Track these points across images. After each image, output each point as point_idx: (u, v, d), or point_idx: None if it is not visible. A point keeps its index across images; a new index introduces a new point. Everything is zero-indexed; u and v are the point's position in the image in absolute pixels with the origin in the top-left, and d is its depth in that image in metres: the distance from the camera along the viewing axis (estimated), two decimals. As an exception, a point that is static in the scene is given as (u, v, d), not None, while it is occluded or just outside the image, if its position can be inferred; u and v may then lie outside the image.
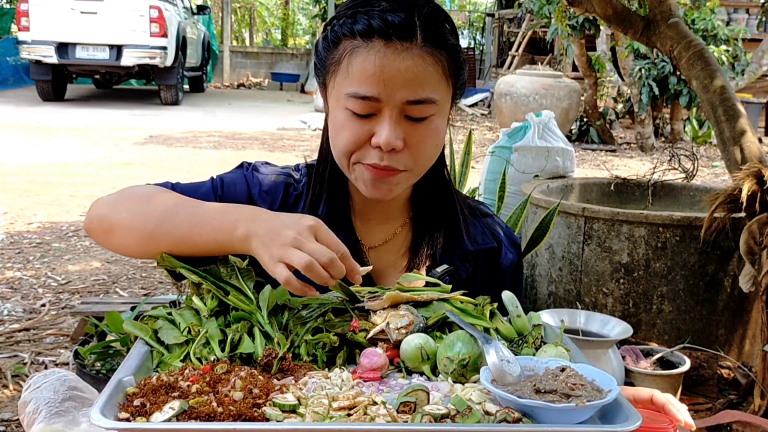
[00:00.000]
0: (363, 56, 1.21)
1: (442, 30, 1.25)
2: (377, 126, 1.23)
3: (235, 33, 24.91)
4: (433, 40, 1.22)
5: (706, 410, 2.76)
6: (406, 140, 1.24)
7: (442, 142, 1.32)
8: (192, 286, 1.21)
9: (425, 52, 1.21)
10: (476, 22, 25.21)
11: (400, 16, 1.20)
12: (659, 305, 3.22)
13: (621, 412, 0.93)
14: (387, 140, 1.21)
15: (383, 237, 1.42)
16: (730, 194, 2.86)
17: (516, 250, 1.49)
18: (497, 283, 1.45)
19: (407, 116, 1.23)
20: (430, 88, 1.23)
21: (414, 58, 1.20)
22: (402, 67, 1.20)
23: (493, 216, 1.50)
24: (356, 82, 1.21)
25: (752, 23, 13.30)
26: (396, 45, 1.20)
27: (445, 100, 1.27)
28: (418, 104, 1.22)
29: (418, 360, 1.08)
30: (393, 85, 1.20)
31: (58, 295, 4.08)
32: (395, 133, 1.22)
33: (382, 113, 1.22)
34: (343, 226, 1.38)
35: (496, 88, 11.22)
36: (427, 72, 1.22)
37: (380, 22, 1.20)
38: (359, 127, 1.24)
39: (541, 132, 4.10)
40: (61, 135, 9.58)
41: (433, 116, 1.25)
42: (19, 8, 12.36)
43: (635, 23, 3.92)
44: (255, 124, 11.92)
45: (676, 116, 11.02)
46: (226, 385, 0.96)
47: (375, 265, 1.40)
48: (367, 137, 1.24)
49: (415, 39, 1.21)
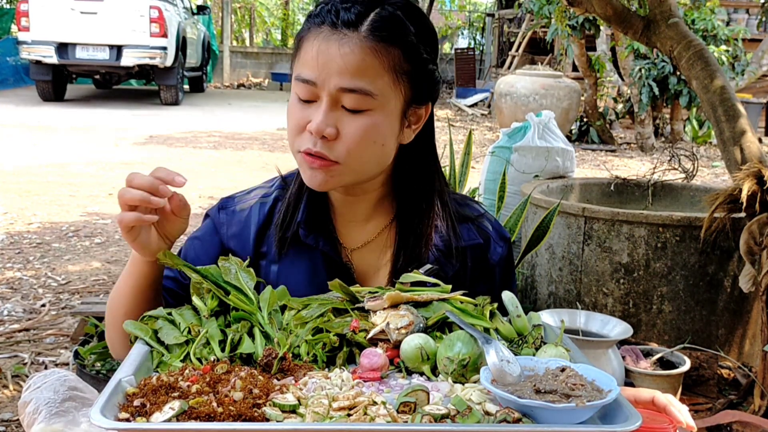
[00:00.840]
0: (309, 41, 1.23)
1: (402, 29, 1.24)
2: (314, 112, 1.23)
3: (235, 33, 24.91)
4: (382, 34, 1.21)
5: (706, 410, 2.76)
6: (340, 129, 1.23)
7: (385, 141, 1.27)
8: (192, 286, 1.21)
9: (367, 43, 1.20)
10: (476, 22, 25.20)
11: (356, 8, 1.21)
12: (659, 305, 3.22)
13: (621, 413, 0.93)
14: (317, 126, 1.21)
15: (366, 238, 1.41)
16: (730, 194, 2.86)
17: (505, 243, 1.47)
18: (488, 279, 1.44)
19: (344, 106, 1.23)
20: (367, 80, 1.21)
21: (352, 47, 1.20)
22: (339, 54, 1.20)
23: (480, 211, 1.48)
24: (301, 65, 1.24)
25: (752, 23, 13.30)
26: (341, 32, 1.20)
27: (388, 98, 1.24)
28: (352, 93, 1.21)
29: (418, 360, 1.08)
30: (328, 70, 1.20)
31: (58, 295, 4.08)
32: (326, 119, 1.21)
33: (320, 99, 1.23)
34: (323, 230, 1.37)
35: (496, 88, 11.22)
36: (364, 63, 1.20)
37: (333, 11, 1.22)
38: (301, 112, 1.25)
39: (541, 132, 4.10)
40: (61, 135, 9.58)
41: (371, 111, 1.23)
42: (19, 8, 12.36)
43: (635, 23, 3.92)
44: (255, 124, 11.92)
45: (676, 116, 11.02)
46: (226, 385, 0.96)
47: (359, 266, 1.40)
48: (306, 123, 1.24)
49: (360, 29, 1.21)
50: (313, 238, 1.36)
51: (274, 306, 1.20)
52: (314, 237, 1.36)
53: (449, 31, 26.44)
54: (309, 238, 1.36)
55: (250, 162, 8.55)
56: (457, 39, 26.49)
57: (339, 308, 1.20)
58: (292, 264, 1.37)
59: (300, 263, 1.37)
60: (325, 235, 1.37)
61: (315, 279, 1.35)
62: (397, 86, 1.25)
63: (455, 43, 25.76)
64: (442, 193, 1.41)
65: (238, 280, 1.21)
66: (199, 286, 1.21)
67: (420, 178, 1.38)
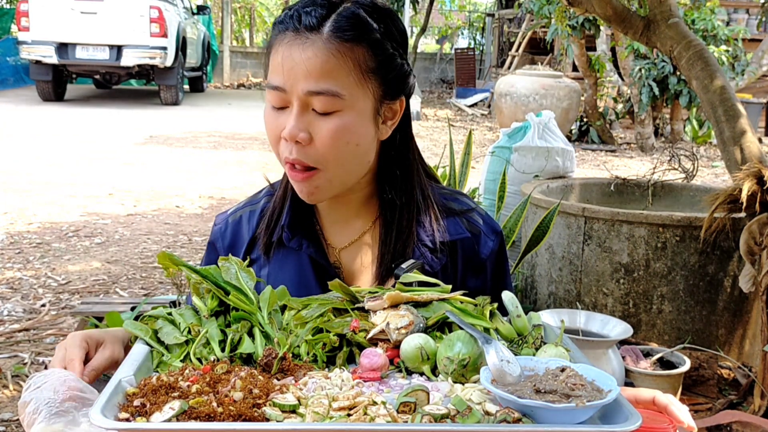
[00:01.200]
0: (276, 48, 1.24)
1: (365, 27, 1.23)
2: (287, 119, 1.23)
3: (235, 33, 24.92)
4: (345, 34, 1.21)
5: (706, 410, 2.76)
6: (312, 133, 1.23)
7: (358, 141, 1.27)
8: (192, 286, 1.21)
9: (331, 45, 1.20)
10: (476, 22, 25.20)
11: (317, 11, 1.22)
12: (659, 305, 3.22)
13: (621, 413, 0.92)
14: (289, 131, 1.21)
15: (352, 237, 1.41)
16: (730, 194, 2.86)
17: (497, 237, 1.45)
18: (479, 273, 1.43)
19: (314, 109, 1.23)
20: (332, 81, 1.21)
21: (316, 50, 1.20)
22: (303, 57, 1.20)
23: (470, 206, 1.47)
24: (270, 73, 1.25)
25: (752, 23, 13.30)
26: (303, 36, 1.21)
27: (356, 97, 1.24)
28: (319, 95, 1.21)
29: (418, 360, 1.08)
30: (294, 75, 1.21)
31: (58, 295, 4.08)
32: (297, 124, 1.21)
33: (291, 105, 1.23)
34: (308, 232, 1.38)
35: (496, 88, 11.22)
36: (329, 64, 1.20)
37: (294, 15, 1.22)
38: (275, 120, 1.25)
39: (541, 132, 4.11)
40: (61, 135, 9.58)
41: (340, 112, 1.23)
42: (19, 8, 12.37)
43: (635, 23, 3.92)
44: (255, 124, 11.92)
45: (676, 116, 11.02)
46: (226, 385, 0.96)
47: (347, 266, 1.40)
48: (281, 131, 1.25)
49: (321, 31, 1.21)
50: (296, 241, 1.36)
51: (274, 306, 1.20)
52: (298, 240, 1.36)
53: (449, 31, 26.44)
54: (293, 242, 1.36)
55: (250, 162, 8.55)
56: (457, 39, 26.49)
57: (339, 308, 1.20)
58: (280, 268, 1.38)
59: (287, 266, 1.37)
60: (309, 237, 1.37)
61: (302, 282, 1.35)
62: (364, 84, 1.25)
63: (455, 43, 25.76)
64: (423, 187, 1.40)
65: (238, 280, 1.21)
66: (199, 286, 1.21)
67: (400, 173, 1.37)
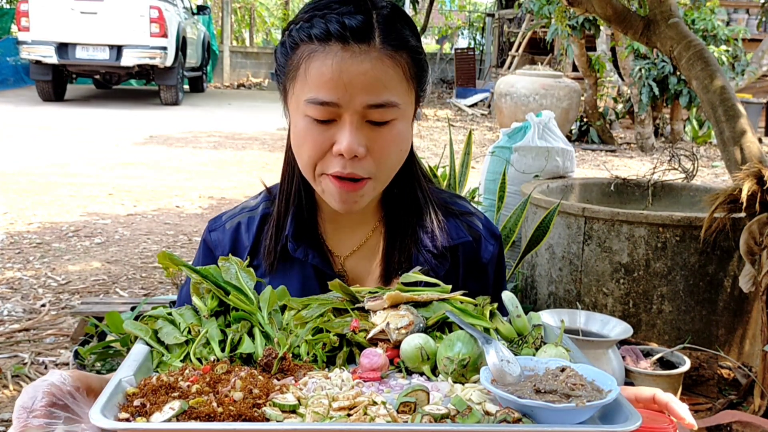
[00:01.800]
0: (320, 60, 1.17)
1: (402, 32, 1.22)
2: (338, 133, 1.19)
3: (235, 33, 24.91)
4: (393, 42, 1.19)
5: (706, 410, 2.76)
6: (368, 146, 1.20)
7: (407, 147, 1.28)
8: (192, 285, 1.21)
9: (384, 54, 1.18)
10: (476, 22, 25.20)
11: (358, 18, 1.17)
12: (659, 305, 3.22)
13: (621, 412, 0.92)
14: (348, 146, 1.17)
15: (356, 243, 1.40)
16: (730, 194, 2.86)
17: (496, 241, 1.46)
18: (480, 277, 1.43)
19: (369, 121, 1.20)
20: (391, 91, 1.19)
21: (373, 61, 1.17)
22: (361, 71, 1.16)
23: (470, 209, 1.47)
24: (315, 88, 1.18)
25: (752, 23, 13.30)
26: (354, 48, 1.16)
27: (407, 104, 1.24)
28: (379, 108, 1.18)
29: (418, 360, 1.08)
30: (352, 89, 1.16)
31: (58, 295, 4.08)
32: (357, 138, 1.18)
33: (343, 119, 1.18)
34: (312, 241, 1.36)
35: (496, 88, 11.22)
36: (387, 75, 1.18)
37: (337, 26, 1.17)
38: (320, 134, 1.20)
39: (541, 132, 4.11)
40: (61, 135, 9.59)
41: (395, 120, 1.22)
42: (19, 8, 12.37)
43: (635, 23, 3.92)
44: (255, 124, 11.93)
45: (676, 116, 11.03)
46: (226, 385, 0.96)
47: (352, 273, 1.39)
48: (328, 145, 1.20)
49: (373, 41, 1.17)
50: (302, 251, 1.35)
51: (274, 306, 1.20)
52: (303, 250, 1.35)
53: (449, 31, 26.44)
54: (298, 252, 1.35)
55: (250, 162, 8.55)
56: (457, 39, 26.49)
57: (339, 308, 1.20)
58: (284, 278, 1.36)
59: (291, 277, 1.36)
60: (314, 246, 1.36)
61: (307, 292, 1.34)
62: (410, 90, 1.25)
63: (455, 43, 25.76)
64: (424, 189, 1.40)
65: (238, 280, 1.21)
66: (199, 286, 1.21)
67: (404, 177, 1.37)
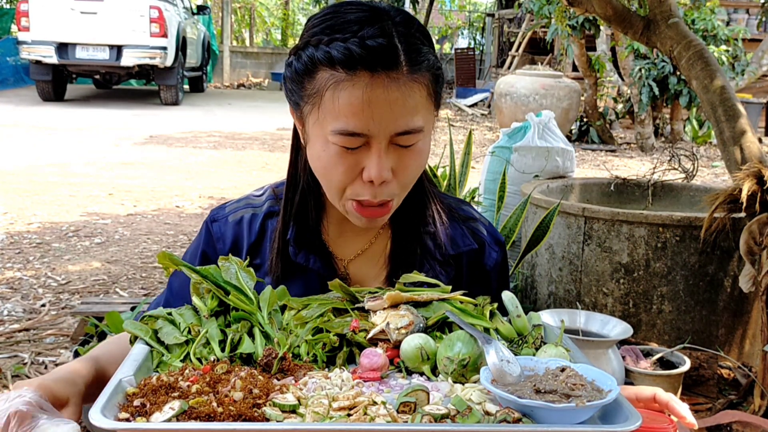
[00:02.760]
0: (349, 91, 1.14)
1: (422, 48, 1.19)
2: (366, 159, 1.18)
3: (235, 33, 24.92)
4: (417, 65, 1.17)
5: (706, 410, 2.76)
6: (393, 169, 1.20)
7: (426, 160, 1.28)
8: (192, 286, 1.21)
9: (411, 79, 1.16)
10: (476, 22, 25.20)
11: (380, 41, 1.13)
12: (659, 305, 3.22)
13: (621, 412, 0.93)
14: (378, 174, 1.18)
15: (360, 247, 1.39)
16: (730, 194, 2.86)
17: (500, 248, 1.46)
18: (484, 284, 1.43)
19: (395, 143, 1.20)
20: (418, 116, 1.18)
21: (401, 88, 1.15)
22: (391, 100, 1.14)
23: (474, 215, 1.47)
24: (343, 118, 1.15)
25: (752, 23, 13.30)
26: (382, 76, 1.14)
27: (429, 122, 1.24)
28: (407, 135, 1.19)
29: (418, 360, 1.08)
30: (381, 120, 1.15)
31: (58, 295, 4.08)
32: (385, 165, 1.18)
33: (371, 145, 1.18)
34: (315, 246, 1.36)
35: (496, 88, 11.22)
36: (413, 100, 1.17)
37: (361, 51, 1.12)
38: (348, 160, 1.19)
39: (541, 132, 4.11)
40: (61, 135, 9.59)
41: (420, 140, 1.22)
42: (19, 8, 12.37)
43: (635, 23, 3.92)
44: (255, 124, 11.93)
45: (676, 116, 11.03)
46: (226, 385, 0.96)
47: (355, 277, 1.38)
48: (358, 171, 1.20)
49: (401, 67, 1.15)
50: (303, 255, 1.35)
51: (274, 306, 1.20)
52: (305, 255, 1.35)
53: (449, 31, 26.45)
54: (299, 257, 1.35)
55: (250, 162, 8.55)
56: (457, 39, 26.50)
57: (339, 308, 1.20)
58: (287, 281, 1.35)
59: (295, 280, 1.35)
60: (316, 251, 1.35)
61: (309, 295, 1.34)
62: (432, 108, 1.24)
63: (455, 43, 25.76)
64: (432, 196, 1.40)
65: (238, 280, 1.21)
66: (199, 286, 1.21)
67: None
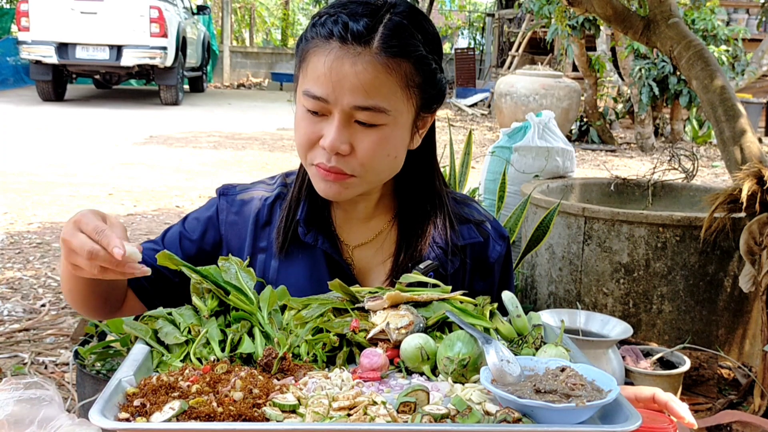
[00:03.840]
0: (318, 56, 1.21)
1: (410, 40, 1.22)
2: (326, 127, 1.22)
3: (235, 33, 24.91)
4: (393, 50, 1.20)
5: (706, 410, 2.76)
6: (354, 145, 1.23)
7: (397, 153, 1.29)
8: (192, 286, 1.21)
9: (380, 60, 1.19)
10: (476, 22, 25.20)
11: (363, 20, 1.19)
12: (659, 305, 3.22)
13: (621, 412, 0.92)
14: (331, 143, 1.21)
15: (368, 235, 1.42)
16: (730, 194, 2.86)
17: (504, 242, 1.48)
18: (486, 277, 1.45)
19: (357, 121, 1.22)
20: (381, 97, 1.20)
21: (365, 64, 1.18)
22: (351, 72, 1.18)
23: (479, 210, 1.50)
24: (310, 81, 1.22)
25: (752, 23, 13.30)
26: (350, 49, 1.19)
27: (400, 111, 1.24)
28: (366, 111, 1.20)
29: (418, 360, 1.08)
30: (340, 89, 1.19)
31: (58, 295, 4.08)
32: (340, 136, 1.21)
33: (332, 114, 1.21)
34: (323, 228, 1.38)
35: (496, 88, 11.22)
36: (378, 80, 1.19)
37: (340, 26, 1.19)
38: (312, 126, 1.24)
39: (541, 132, 4.10)
40: (61, 135, 9.58)
41: (385, 125, 1.23)
42: (19, 8, 12.37)
43: (635, 23, 3.92)
44: (255, 124, 11.93)
45: (676, 116, 11.03)
46: (226, 385, 0.96)
47: (360, 264, 1.41)
48: (317, 137, 1.24)
49: (371, 45, 1.19)
50: (312, 235, 1.37)
51: (274, 306, 1.20)
52: (313, 234, 1.37)
53: (449, 31, 26.45)
54: (308, 236, 1.37)
55: (250, 162, 8.55)
56: (457, 39, 26.50)
57: (339, 308, 1.20)
58: (293, 261, 1.38)
59: (300, 260, 1.38)
60: (324, 232, 1.38)
61: (315, 276, 1.36)
62: (409, 99, 1.25)
63: (455, 43, 25.76)
64: (441, 191, 1.42)
65: (238, 280, 1.21)
66: (199, 286, 1.21)
67: (422, 177, 1.39)
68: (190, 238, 1.42)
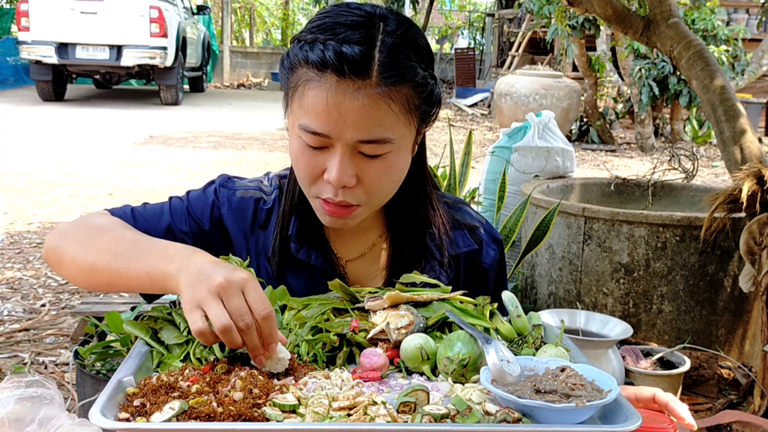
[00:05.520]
0: (315, 90, 1.14)
1: (406, 63, 1.17)
2: (329, 161, 1.18)
3: (235, 33, 24.91)
4: (392, 78, 1.15)
5: (706, 410, 2.76)
6: (359, 176, 1.19)
7: (401, 176, 1.27)
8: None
9: (381, 91, 1.14)
10: (476, 22, 25.20)
11: (358, 49, 1.12)
12: (659, 305, 3.22)
13: (621, 412, 0.92)
14: (337, 178, 1.17)
15: (360, 249, 1.39)
16: (730, 194, 2.86)
17: (497, 246, 1.46)
18: (481, 282, 1.44)
19: (361, 152, 1.18)
20: (385, 128, 1.17)
21: (367, 98, 1.13)
22: (353, 107, 1.13)
23: (471, 213, 1.47)
24: (308, 116, 1.16)
25: (752, 23, 13.30)
26: (349, 82, 1.13)
27: (404, 136, 1.21)
28: (371, 144, 1.17)
29: (418, 360, 1.08)
30: (342, 124, 1.14)
31: (58, 295, 4.08)
32: (346, 170, 1.17)
33: (335, 148, 1.17)
34: (316, 242, 1.35)
35: (496, 88, 11.22)
36: (380, 112, 1.15)
37: (334, 55, 1.12)
38: (312, 159, 1.19)
39: (541, 132, 4.11)
40: (61, 135, 9.58)
41: (390, 153, 1.20)
42: (19, 8, 12.37)
43: (635, 23, 3.92)
44: (255, 124, 11.93)
45: (676, 116, 11.03)
46: (226, 385, 0.96)
47: (354, 278, 1.38)
48: (320, 171, 1.20)
49: (370, 77, 1.13)
50: (305, 252, 1.34)
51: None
52: (306, 250, 1.34)
53: (449, 31, 26.45)
54: (301, 253, 1.34)
55: (250, 162, 8.55)
56: (457, 39, 26.50)
57: (339, 308, 1.20)
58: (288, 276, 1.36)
59: (296, 275, 1.36)
60: (318, 247, 1.35)
61: (311, 290, 1.33)
62: (410, 122, 1.22)
63: (455, 43, 25.76)
64: (432, 200, 1.39)
65: (238, 280, 1.21)
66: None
67: (412, 187, 1.36)
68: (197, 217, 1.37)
